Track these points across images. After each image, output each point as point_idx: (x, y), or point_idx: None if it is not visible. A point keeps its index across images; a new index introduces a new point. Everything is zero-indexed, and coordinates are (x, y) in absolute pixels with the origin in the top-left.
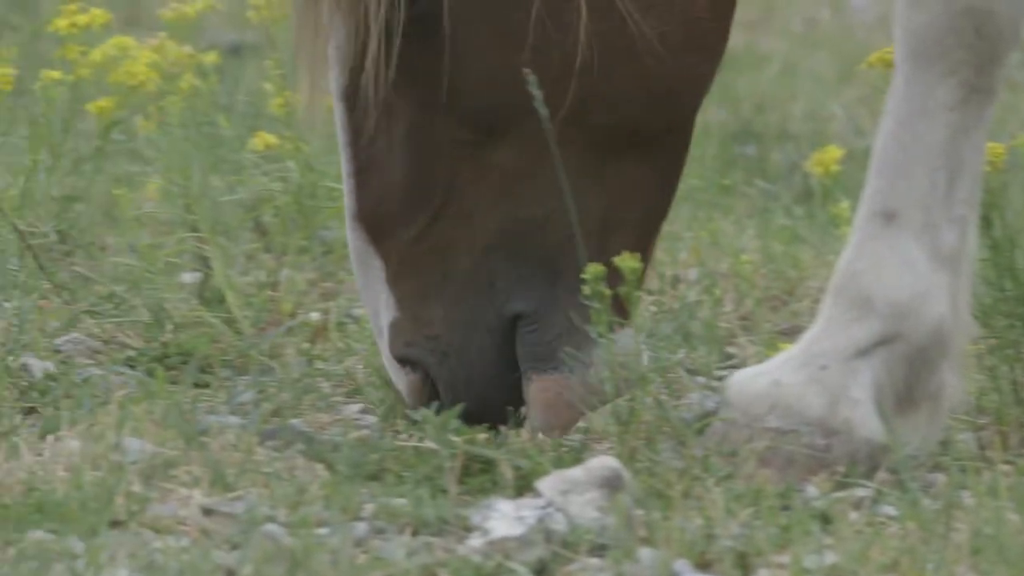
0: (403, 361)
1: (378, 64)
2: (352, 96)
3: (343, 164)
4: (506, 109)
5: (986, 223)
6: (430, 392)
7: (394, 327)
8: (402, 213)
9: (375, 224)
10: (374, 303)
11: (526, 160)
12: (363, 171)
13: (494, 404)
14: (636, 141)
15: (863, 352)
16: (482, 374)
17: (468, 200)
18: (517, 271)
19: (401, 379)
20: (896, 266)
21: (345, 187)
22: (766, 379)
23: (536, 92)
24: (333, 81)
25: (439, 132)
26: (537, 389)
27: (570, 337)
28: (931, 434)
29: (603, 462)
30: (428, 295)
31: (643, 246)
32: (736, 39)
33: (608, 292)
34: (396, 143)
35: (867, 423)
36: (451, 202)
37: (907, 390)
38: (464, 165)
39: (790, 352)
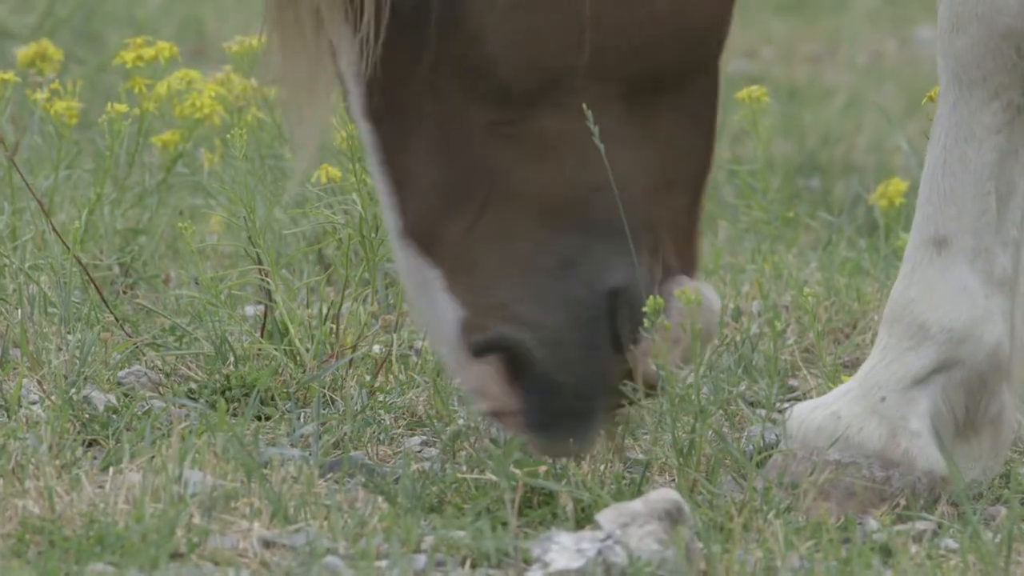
0: (482, 351)
1: (367, 40)
2: (377, 111)
3: (380, 185)
4: (532, 76)
5: None
6: (514, 375)
7: (463, 325)
8: (450, 212)
9: (425, 232)
10: (436, 318)
11: (568, 127)
12: (402, 183)
13: (589, 382)
14: (663, 88)
15: (920, 380)
16: (578, 341)
17: (516, 181)
18: (596, 244)
19: (476, 376)
20: (950, 292)
21: (386, 208)
22: (825, 411)
23: None
24: (353, 102)
25: (471, 120)
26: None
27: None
28: (994, 460)
29: (663, 495)
30: (494, 284)
31: (696, 197)
32: (801, 72)
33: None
34: (430, 144)
35: (927, 454)
36: (498, 187)
37: (967, 417)
38: (503, 146)
39: (849, 384)
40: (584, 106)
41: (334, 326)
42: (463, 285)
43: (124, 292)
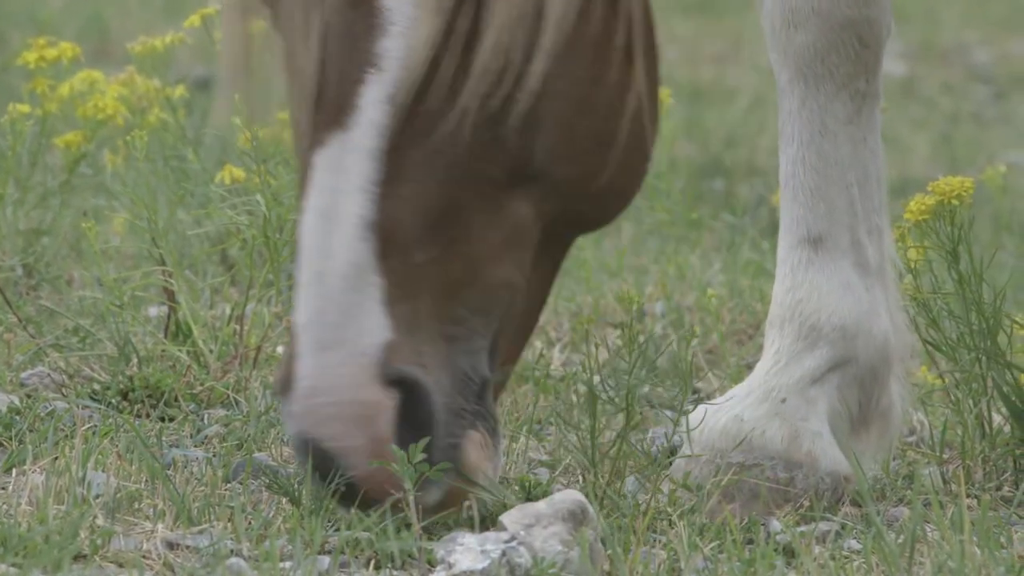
0: (397, 382)
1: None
2: (402, 101)
3: (359, 168)
4: (543, 166)
5: (953, 257)
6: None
7: (389, 347)
8: (423, 234)
9: (391, 238)
10: (353, 324)
11: (523, 224)
12: (391, 180)
13: (441, 450)
14: (572, 234)
15: (817, 380)
16: (452, 419)
17: (475, 242)
18: (487, 337)
19: (370, 402)
20: (835, 290)
21: (358, 194)
22: (728, 414)
23: None
24: (378, 84)
25: (481, 161)
26: (475, 438)
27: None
28: (882, 451)
29: (567, 496)
30: (419, 327)
31: (512, 358)
32: (705, 73)
33: None
34: (439, 160)
35: (829, 454)
36: (463, 238)
37: (860, 412)
38: (484, 205)
39: (747, 386)
40: None
41: (238, 327)
42: (401, 311)
43: (27, 293)
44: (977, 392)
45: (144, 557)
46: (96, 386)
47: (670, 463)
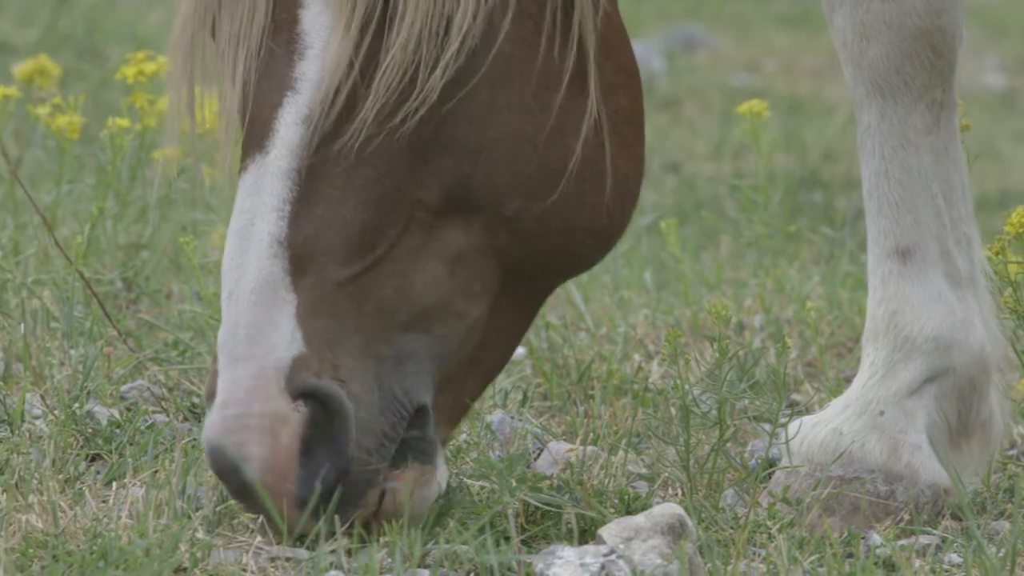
0: (305, 395)
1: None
2: (317, 121)
3: (273, 188)
4: (482, 195)
5: None
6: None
7: (299, 360)
8: (340, 252)
9: (305, 255)
10: (263, 338)
11: (467, 252)
12: (306, 199)
13: (362, 479)
14: (544, 283)
15: (914, 392)
16: (374, 432)
17: (406, 264)
18: (426, 361)
19: (276, 415)
20: (927, 301)
21: (271, 213)
22: (827, 428)
23: None
24: (294, 105)
25: (406, 184)
26: (415, 474)
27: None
28: (983, 463)
29: (666, 509)
30: (339, 342)
31: (475, 392)
32: (803, 87)
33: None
34: (357, 180)
35: (929, 467)
36: (391, 259)
37: (960, 422)
38: (416, 228)
39: (846, 400)
40: None
41: None
42: (315, 326)
43: (127, 307)
44: None
45: (243, 570)
46: (195, 399)
47: (769, 476)
